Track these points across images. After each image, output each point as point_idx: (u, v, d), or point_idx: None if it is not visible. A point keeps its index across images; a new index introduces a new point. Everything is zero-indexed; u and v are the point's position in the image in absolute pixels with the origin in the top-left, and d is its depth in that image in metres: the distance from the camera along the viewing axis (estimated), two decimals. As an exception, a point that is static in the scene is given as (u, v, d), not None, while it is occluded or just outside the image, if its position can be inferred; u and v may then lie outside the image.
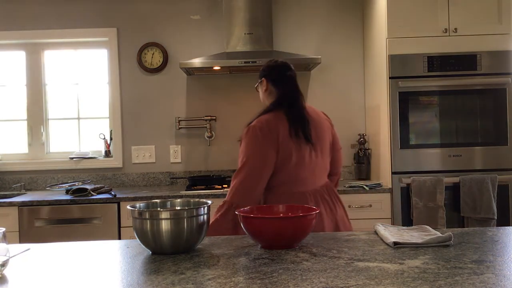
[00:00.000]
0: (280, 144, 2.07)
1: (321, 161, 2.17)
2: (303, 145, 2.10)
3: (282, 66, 2.23)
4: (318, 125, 2.18)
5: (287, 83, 2.20)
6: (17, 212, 3.23)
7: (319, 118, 2.22)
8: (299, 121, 2.11)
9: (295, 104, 2.15)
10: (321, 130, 2.19)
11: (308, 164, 2.12)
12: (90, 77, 4.06)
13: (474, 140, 3.31)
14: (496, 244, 1.54)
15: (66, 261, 1.52)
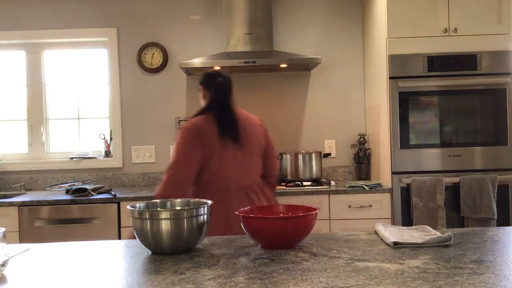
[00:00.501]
0: (206, 144, 2.28)
1: (249, 161, 2.36)
2: (230, 146, 2.31)
3: (215, 75, 2.47)
4: (248, 128, 2.39)
5: (218, 89, 2.42)
6: (17, 212, 3.23)
7: (251, 122, 2.44)
8: (227, 123, 2.33)
9: (224, 108, 2.37)
10: (251, 133, 2.39)
11: (234, 164, 2.32)
12: (90, 77, 4.06)
13: (474, 140, 3.31)
14: (496, 244, 1.54)
15: (66, 261, 1.52)
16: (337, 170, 3.96)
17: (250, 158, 2.37)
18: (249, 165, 2.37)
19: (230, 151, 2.31)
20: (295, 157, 3.62)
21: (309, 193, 3.27)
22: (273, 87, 3.98)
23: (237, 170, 2.33)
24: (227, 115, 2.35)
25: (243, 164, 2.34)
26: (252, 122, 2.44)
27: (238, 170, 2.33)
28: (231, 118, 2.35)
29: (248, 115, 2.47)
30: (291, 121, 3.98)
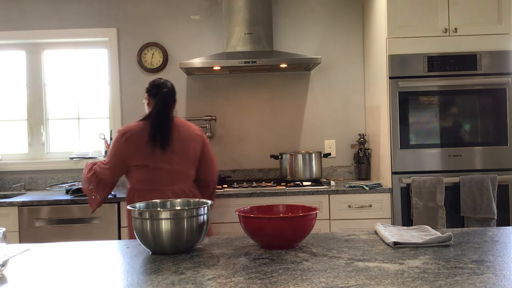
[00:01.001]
0: (135, 148, 2.50)
1: (179, 167, 2.56)
2: (159, 152, 2.51)
3: (161, 85, 2.63)
4: (182, 137, 2.58)
5: (161, 99, 2.58)
6: (17, 212, 3.23)
7: (187, 131, 2.62)
8: (160, 131, 2.51)
9: (161, 117, 2.55)
10: (185, 142, 2.58)
11: (162, 169, 2.53)
12: (90, 77, 4.06)
13: (474, 140, 3.31)
14: (496, 244, 1.54)
15: (66, 261, 1.52)
16: (337, 170, 3.96)
17: (180, 164, 2.57)
18: (179, 171, 2.57)
19: (159, 157, 2.52)
20: (295, 157, 3.62)
21: (309, 193, 3.27)
22: (273, 87, 3.98)
23: (165, 174, 2.53)
24: (162, 124, 2.53)
25: (172, 169, 2.55)
26: (189, 132, 2.64)
27: (167, 175, 2.54)
28: (164, 127, 2.53)
29: (187, 125, 2.66)
30: (291, 121, 3.98)
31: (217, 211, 3.15)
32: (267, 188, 3.36)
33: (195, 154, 2.65)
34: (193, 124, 2.75)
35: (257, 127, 3.98)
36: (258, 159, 3.95)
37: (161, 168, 2.54)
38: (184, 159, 2.59)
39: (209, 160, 2.74)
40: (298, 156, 3.62)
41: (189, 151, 2.61)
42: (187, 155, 2.60)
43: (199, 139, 2.68)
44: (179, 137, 2.58)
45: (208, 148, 2.73)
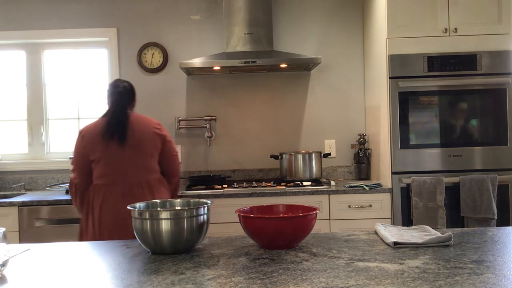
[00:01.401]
0: (93, 146, 2.63)
1: (137, 161, 2.63)
2: (115, 147, 2.61)
3: (116, 85, 2.79)
4: (138, 131, 2.66)
5: (115, 96, 2.73)
6: (17, 212, 3.23)
7: (144, 125, 2.70)
8: (114, 126, 2.62)
9: (115, 113, 2.68)
10: (142, 136, 2.66)
11: (119, 162, 2.61)
12: (90, 77, 4.06)
13: (474, 140, 3.31)
14: (496, 244, 1.54)
15: (66, 261, 1.52)
16: (337, 170, 3.96)
17: (138, 158, 2.64)
18: (136, 164, 2.64)
19: (114, 151, 2.61)
20: (295, 157, 3.62)
21: (309, 193, 3.27)
22: (273, 87, 3.98)
23: (121, 168, 2.62)
24: (116, 119, 2.65)
25: (129, 163, 2.62)
26: (146, 126, 2.71)
27: (123, 169, 2.62)
28: (118, 123, 2.64)
29: (145, 119, 2.75)
30: (291, 121, 3.98)
31: (217, 211, 3.15)
32: (267, 188, 3.36)
33: (154, 147, 2.70)
34: (152, 119, 2.81)
35: (257, 127, 3.98)
36: (258, 159, 3.95)
37: (117, 162, 2.62)
38: (141, 152, 2.66)
39: (169, 155, 2.78)
40: (298, 156, 3.62)
41: (145, 144, 2.67)
42: (143, 148, 2.66)
43: (157, 132, 2.73)
44: (134, 131, 2.66)
45: (168, 143, 2.78)
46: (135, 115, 2.75)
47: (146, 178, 2.67)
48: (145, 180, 2.65)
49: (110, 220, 2.57)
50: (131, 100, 2.81)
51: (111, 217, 2.57)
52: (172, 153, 2.82)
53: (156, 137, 2.72)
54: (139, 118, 2.75)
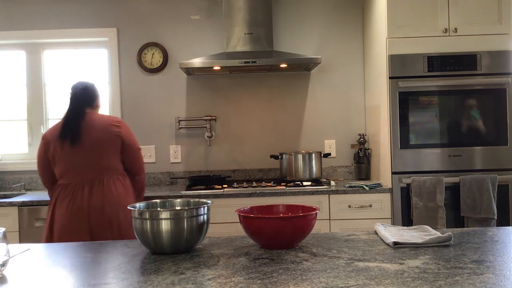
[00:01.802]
0: (50, 147, 2.72)
1: (91, 160, 2.68)
2: (68, 147, 2.67)
3: (73, 86, 2.86)
4: (95, 130, 2.70)
5: (71, 98, 2.82)
6: (17, 212, 3.23)
7: (101, 125, 2.73)
8: (68, 128, 2.69)
9: (70, 114, 2.75)
10: (99, 135, 2.70)
11: (72, 163, 2.68)
12: (90, 77, 4.06)
13: (474, 140, 3.31)
14: (496, 244, 1.54)
15: (66, 261, 1.52)
16: (337, 170, 3.96)
17: (92, 158, 2.69)
18: (90, 164, 2.68)
19: (68, 152, 2.68)
20: (295, 157, 3.62)
21: (309, 193, 3.27)
22: (273, 87, 3.98)
23: (74, 168, 2.68)
24: (70, 120, 2.72)
25: (82, 163, 2.68)
26: (104, 125, 2.74)
27: (76, 168, 2.68)
28: (72, 123, 2.71)
29: (103, 118, 2.79)
30: (291, 121, 3.98)
31: (217, 211, 3.15)
32: (267, 188, 3.36)
33: (111, 146, 2.73)
34: (112, 117, 2.88)
35: (257, 127, 3.98)
36: (258, 159, 3.95)
37: (70, 162, 2.69)
38: (95, 152, 2.69)
39: (128, 151, 2.81)
40: (298, 156, 3.62)
41: (101, 143, 2.70)
42: (99, 147, 2.70)
43: (114, 130, 2.75)
44: (90, 131, 2.70)
45: (128, 141, 2.81)
46: (94, 115, 2.78)
47: (101, 177, 2.69)
48: (99, 179, 2.68)
49: (60, 220, 2.66)
50: (90, 100, 2.84)
51: (62, 217, 2.66)
52: (132, 149, 2.83)
53: (114, 135, 2.74)
54: (97, 117, 2.78)
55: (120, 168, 2.79)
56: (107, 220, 2.63)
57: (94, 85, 2.92)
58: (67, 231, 2.62)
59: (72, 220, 2.63)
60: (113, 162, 2.75)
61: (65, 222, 2.64)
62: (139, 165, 2.89)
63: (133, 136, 2.88)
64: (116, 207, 2.66)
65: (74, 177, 2.69)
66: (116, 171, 2.76)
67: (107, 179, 2.70)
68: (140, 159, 2.90)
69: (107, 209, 2.64)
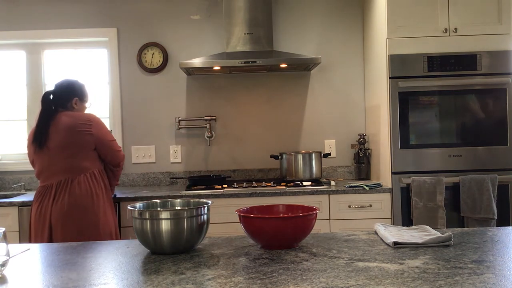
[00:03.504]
0: (30, 147, 2.81)
1: (57, 162, 2.72)
2: (38, 151, 2.75)
3: (46, 91, 2.92)
4: (60, 132, 2.72)
5: (41, 100, 2.86)
6: (17, 212, 3.23)
7: (67, 126, 2.73)
8: (38, 131, 2.75)
9: (40, 117, 2.80)
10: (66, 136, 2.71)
11: (42, 166, 2.75)
12: (90, 77, 4.06)
13: (474, 140, 3.31)
14: (496, 244, 1.54)
15: (66, 261, 1.52)
16: (337, 170, 3.96)
17: (59, 160, 2.72)
18: (58, 165, 2.72)
19: (38, 155, 2.76)
20: (295, 157, 3.62)
21: (309, 193, 3.27)
22: (273, 87, 3.98)
23: (45, 169, 2.75)
24: (38, 125, 2.78)
25: (48, 166, 2.74)
26: (71, 126, 2.73)
27: (47, 170, 2.74)
28: (38, 127, 2.76)
29: (71, 119, 2.76)
30: (291, 121, 3.98)
31: (217, 211, 3.15)
32: (267, 188, 3.36)
33: (80, 146, 2.75)
34: (81, 115, 2.83)
35: (257, 127, 3.98)
36: (258, 159, 3.95)
37: (43, 164, 2.76)
38: (61, 154, 2.72)
39: (101, 146, 2.82)
40: (298, 156, 3.63)
41: (68, 145, 2.72)
42: (65, 148, 2.72)
43: (83, 129, 2.75)
44: (57, 133, 2.73)
45: (99, 136, 2.80)
46: (64, 116, 2.78)
47: (67, 178, 2.73)
48: (65, 181, 2.72)
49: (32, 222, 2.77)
50: (63, 100, 2.86)
51: (32, 219, 2.77)
52: (103, 143, 2.83)
53: (83, 134, 2.75)
54: (65, 119, 2.77)
55: (93, 166, 2.80)
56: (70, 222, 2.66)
57: (72, 83, 2.92)
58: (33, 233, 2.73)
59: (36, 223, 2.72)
60: (82, 163, 2.75)
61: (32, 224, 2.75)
62: (114, 158, 2.90)
63: (105, 130, 2.86)
64: (78, 207, 2.69)
65: (45, 180, 2.76)
66: (85, 170, 2.76)
67: (74, 180, 2.72)
68: (115, 149, 2.90)
69: (70, 211, 2.68)
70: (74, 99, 2.89)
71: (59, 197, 2.69)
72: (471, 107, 3.32)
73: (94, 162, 2.82)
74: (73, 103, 2.88)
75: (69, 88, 2.89)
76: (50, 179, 2.74)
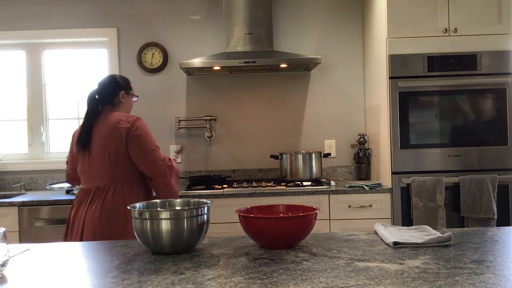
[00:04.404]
0: (72, 146, 2.67)
1: (95, 165, 2.52)
2: (81, 151, 2.56)
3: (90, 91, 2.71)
4: (102, 135, 2.52)
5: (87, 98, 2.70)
6: (17, 212, 3.23)
7: (110, 127, 2.52)
8: (82, 132, 2.58)
9: (85, 117, 2.63)
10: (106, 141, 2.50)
11: (82, 167, 2.57)
12: (90, 77, 4.06)
13: (474, 140, 3.31)
14: (496, 244, 1.54)
15: (66, 261, 1.52)
16: (337, 170, 3.96)
17: (97, 163, 2.52)
18: (93, 170, 2.53)
19: (80, 156, 2.58)
20: (295, 157, 3.62)
21: (309, 193, 3.27)
22: (273, 87, 3.98)
23: (85, 173, 2.56)
24: (83, 125, 2.61)
25: (88, 170, 2.54)
26: (110, 126, 2.52)
27: (86, 175, 2.57)
28: (83, 128, 2.58)
29: (114, 119, 2.55)
30: (291, 121, 3.98)
31: (217, 211, 3.15)
32: (267, 188, 3.36)
33: (118, 153, 2.49)
34: (124, 115, 2.59)
35: (257, 127, 3.98)
36: (258, 159, 3.95)
37: (83, 167, 2.56)
38: (104, 159, 2.49)
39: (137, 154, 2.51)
40: (298, 156, 3.63)
41: (106, 149, 2.49)
42: (106, 154, 2.49)
43: (119, 132, 2.49)
44: (100, 134, 2.51)
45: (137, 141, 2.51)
46: (108, 116, 2.58)
47: (106, 185, 2.50)
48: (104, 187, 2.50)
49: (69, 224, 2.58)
50: (107, 97, 2.66)
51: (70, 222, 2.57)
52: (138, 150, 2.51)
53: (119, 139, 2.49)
54: (111, 117, 2.56)
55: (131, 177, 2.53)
56: (99, 229, 2.43)
57: (115, 77, 2.73)
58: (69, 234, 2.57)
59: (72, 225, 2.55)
60: (120, 171, 2.51)
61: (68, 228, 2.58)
62: (152, 167, 2.54)
63: (145, 135, 2.54)
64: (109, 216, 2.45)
65: (85, 183, 2.57)
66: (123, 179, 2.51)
67: (110, 188, 2.49)
68: (153, 160, 2.53)
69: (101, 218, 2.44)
70: (120, 92, 2.69)
71: (94, 203, 2.47)
72: (471, 107, 3.32)
73: (133, 172, 2.54)
74: (120, 97, 2.68)
75: (113, 83, 2.69)
76: (90, 183, 2.53)
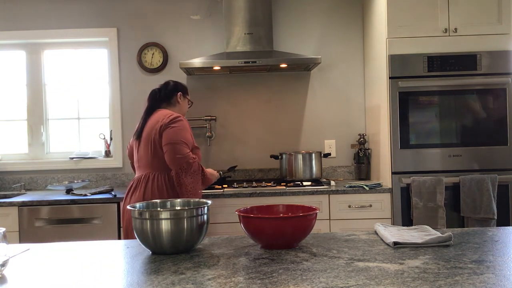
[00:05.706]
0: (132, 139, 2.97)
1: (141, 155, 2.83)
2: (135, 140, 2.90)
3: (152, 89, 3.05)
4: (150, 125, 2.81)
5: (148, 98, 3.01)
6: (17, 212, 3.23)
7: (155, 120, 2.81)
8: (140, 124, 2.90)
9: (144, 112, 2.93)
10: (150, 131, 2.79)
11: (137, 155, 2.88)
12: (90, 77, 4.06)
13: (474, 140, 3.31)
14: (496, 244, 1.54)
15: (66, 261, 1.52)
16: (337, 170, 3.96)
17: (142, 153, 2.82)
18: (141, 159, 2.83)
19: (135, 148, 2.90)
20: (295, 157, 3.62)
21: (309, 193, 3.27)
22: (273, 87, 3.98)
23: (136, 164, 2.89)
24: (142, 118, 2.91)
25: (138, 159, 2.86)
26: (156, 121, 2.80)
27: (136, 165, 2.89)
28: (142, 121, 2.89)
29: (160, 115, 2.83)
30: (291, 121, 3.98)
31: (217, 211, 3.15)
32: (267, 188, 3.36)
33: (156, 143, 2.78)
34: (167, 113, 2.83)
35: (257, 127, 3.98)
36: (258, 159, 3.95)
37: (136, 155, 2.89)
38: (144, 149, 2.81)
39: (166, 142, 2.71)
40: (298, 156, 3.62)
41: (149, 139, 2.79)
42: (148, 144, 2.79)
43: (158, 125, 2.77)
44: (148, 126, 2.83)
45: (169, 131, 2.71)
46: (159, 112, 2.87)
47: (146, 172, 2.80)
48: (144, 174, 2.79)
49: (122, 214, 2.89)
50: (168, 94, 2.98)
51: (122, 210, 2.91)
52: (166, 142, 2.70)
53: (157, 130, 2.76)
54: (160, 113, 2.84)
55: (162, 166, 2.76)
56: None
57: (176, 82, 3.07)
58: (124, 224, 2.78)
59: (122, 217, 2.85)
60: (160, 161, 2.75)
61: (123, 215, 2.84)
62: (170, 158, 2.69)
63: (173, 129, 2.71)
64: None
65: (137, 172, 2.90)
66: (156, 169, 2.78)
67: (151, 176, 2.76)
68: (172, 151, 2.68)
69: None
70: (178, 93, 2.99)
71: (137, 190, 2.77)
72: (471, 107, 3.32)
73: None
74: (178, 97, 2.99)
75: (174, 85, 3.03)
76: (138, 171, 2.86)
